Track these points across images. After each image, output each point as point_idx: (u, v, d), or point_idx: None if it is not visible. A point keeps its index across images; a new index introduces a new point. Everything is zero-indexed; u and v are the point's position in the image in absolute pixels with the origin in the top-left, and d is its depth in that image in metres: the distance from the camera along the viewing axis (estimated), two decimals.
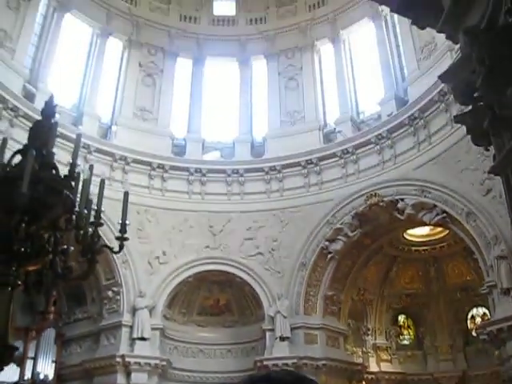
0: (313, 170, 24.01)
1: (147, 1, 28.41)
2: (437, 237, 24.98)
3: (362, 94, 25.91)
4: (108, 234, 18.28)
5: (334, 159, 23.69)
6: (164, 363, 22.19)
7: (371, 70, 25.47)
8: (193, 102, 27.46)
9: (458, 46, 7.82)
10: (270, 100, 27.04)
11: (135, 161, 24.01)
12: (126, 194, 6.67)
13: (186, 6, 29.31)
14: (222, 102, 28.08)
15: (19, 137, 19.47)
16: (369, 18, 25.59)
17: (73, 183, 5.84)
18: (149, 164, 24.25)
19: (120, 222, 6.44)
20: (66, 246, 5.91)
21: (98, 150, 23.13)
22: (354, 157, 23.16)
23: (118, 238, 6.48)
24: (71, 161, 5.99)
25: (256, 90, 28.12)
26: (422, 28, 6.14)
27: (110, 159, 23.54)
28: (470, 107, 5.29)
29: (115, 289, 22.58)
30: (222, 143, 27.01)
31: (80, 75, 25.79)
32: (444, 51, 20.02)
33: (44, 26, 24.61)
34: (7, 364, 5.44)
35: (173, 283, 23.32)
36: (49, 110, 6.41)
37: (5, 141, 6.55)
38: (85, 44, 26.54)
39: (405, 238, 25.14)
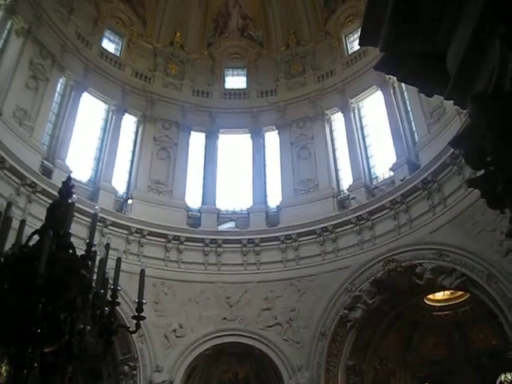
0: (328, 237, 23.90)
1: (161, 77, 29.47)
2: (458, 301, 24.44)
3: (374, 159, 26.11)
4: (124, 308, 18.16)
5: (349, 226, 23.59)
6: None
7: (382, 135, 25.73)
8: (207, 174, 27.85)
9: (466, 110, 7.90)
10: (283, 169, 27.32)
11: (151, 233, 24.12)
12: (143, 273, 6.64)
13: (198, 81, 30.30)
14: (235, 172, 28.44)
15: (37, 212, 19.76)
16: (377, 85, 26.12)
17: (89, 263, 5.84)
18: (164, 236, 24.33)
19: (136, 300, 6.38)
20: (82, 326, 5.84)
21: (114, 224, 23.31)
22: (370, 223, 23.06)
23: (134, 317, 6.40)
24: (88, 240, 6.01)
25: (269, 159, 28.53)
26: (430, 96, 6.21)
27: (125, 232, 23.68)
28: (482, 171, 5.28)
29: (132, 364, 22.14)
30: (236, 213, 27.15)
31: (96, 150, 26.40)
32: (453, 115, 20.23)
33: (61, 104, 25.49)
34: None
35: (190, 357, 22.84)
36: (66, 190, 6.51)
37: (23, 222, 6.60)
38: (100, 120, 27.33)
39: (425, 303, 24.62)
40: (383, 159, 25.28)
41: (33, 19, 23.91)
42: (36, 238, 5.89)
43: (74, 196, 6.59)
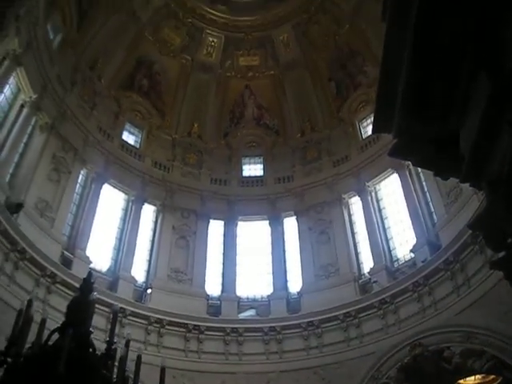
0: (352, 322, 23.34)
1: (179, 167, 30.15)
2: None
3: (394, 241, 25.90)
4: None
5: (372, 310, 23.08)
6: None
7: (400, 217, 25.69)
8: (226, 261, 27.78)
9: None
10: (302, 255, 27.16)
11: (170, 323, 23.76)
12: (163, 372, 6.49)
13: (216, 170, 30.91)
14: (255, 259, 28.30)
15: (56, 303, 19.82)
16: (392, 168, 26.36)
17: (109, 362, 5.75)
18: (184, 326, 23.94)
19: None
20: None
21: (134, 314, 23.07)
22: (393, 306, 22.57)
23: None
24: (108, 339, 5.95)
25: (288, 245, 28.45)
26: (445, 179, 6.28)
27: (145, 322, 23.35)
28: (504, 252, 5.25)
29: None
30: (257, 300, 26.78)
31: (115, 239, 26.60)
32: (470, 194, 20.18)
33: (82, 195, 26.05)
34: None
35: None
36: (87, 286, 6.52)
37: (43, 322, 6.58)
38: (120, 210, 27.74)
39: None
40: (403, 241, 25.09)
41: (56, 115, 24.95)
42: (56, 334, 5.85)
43: (95, 293, 6.59)
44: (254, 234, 29.19)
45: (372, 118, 5.44)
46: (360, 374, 21.90)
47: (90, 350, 5.78)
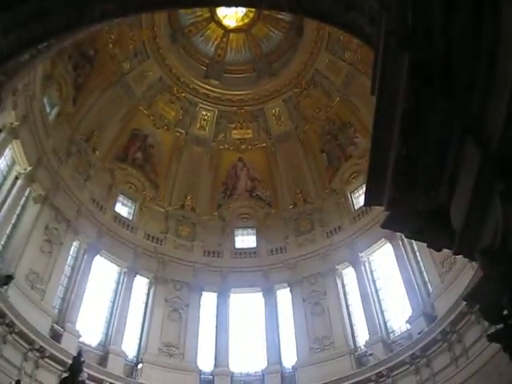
0: None
1: (172, 239, 30.10)
2: None
3: (389, 313, 25.55)
4: None
5: None
6: None
7: (395, 287, 25.42)
8: (219, 334, 27.26)
9: None
10: (296, 327, 26.71)
11: None
12: None
13: (209, 241, 30.85)
14: (248, 331, 27.83)
15: (43, 378, 19.30)
16: (385, 238, 26.33)
17: None
18: None
19: None
20: None
21: None
22: (390, 380, 22.04)
23: None
24: None
25: (282, 316, 28.04)
26: (438, 250, 6.30)
27: None
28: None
29: None
30: (250, 375, 26.12)
31: (106, 312, 26.10)
32: (464, 263, 20.07)
33: (74, 267, 25.79)
34: None
35: None
36: (76, 365, 6.41)
37: None
38: (112, 282, 27.38)
39: None
40: (398, 312, 24.76)
41: (50, 186, 25.07)
42: None
43: (86, 369, 6.47)
44: (247, 305, 28.81)
45: (364, 189, 5.52)
46: None
47: None
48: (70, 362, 6.85)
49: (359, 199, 29.52)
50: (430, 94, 4.25)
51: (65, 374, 7.07)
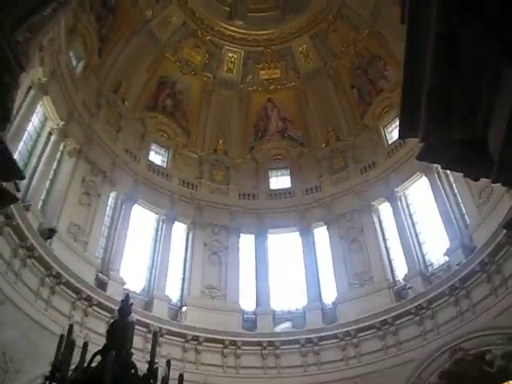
0: (389, 330, 23.00)
1: (207, 184, 30.34)
2: None
3: (427, 246, 25.51)
4: None
5: (409, 317, 22.71)
6: None
7: (432, 221, 25.26)
8: (259, 275, 27.72)
9: None
10: (335, 264, 26.96)
11: (207, 340, 23.73)
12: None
13: (243, 184, 31.01)
14: (287, 271, 28.18)
15: (93, 325, 20.09)
16: (421, 172, 26.01)
17: (151, 381, 5.79)
18: (221, 342, 23.91)
19: None
20: None
21: (170, 332, 23.13)
22: (430, 312, 22.18)
23: None
24: (149, 358, 5.99)
25: (320, 255, 28.27)
26: (476, 180, 6.15)
27: (182, 340, 23.40)
28: None
29: None
30: (292, 313, 26.64)
31: (148, 259, 26.79)
32: (502, 193, 19.77)
33: (113, 217, 26.37)
34: None
35: None
36: (124, 309, 6.58)
37: (85, 345, 6.64)
38: (151, 230, 27.94)
39: None
40: (436, 244, 24.66)
41: (84, 140, 25.39)
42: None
43: (133, 314, 6.67)
44: (285, 246, 29.10)
45: (397, 123, 5.41)
46: (400, 382, 21.52)
47: (132, 370, 5.82)
48: (116, 308, 7.06)
49: (392, 133, 29.11)
50: (465, 17, 4.06)
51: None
